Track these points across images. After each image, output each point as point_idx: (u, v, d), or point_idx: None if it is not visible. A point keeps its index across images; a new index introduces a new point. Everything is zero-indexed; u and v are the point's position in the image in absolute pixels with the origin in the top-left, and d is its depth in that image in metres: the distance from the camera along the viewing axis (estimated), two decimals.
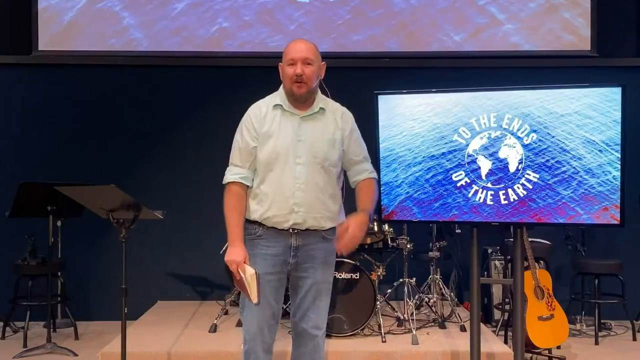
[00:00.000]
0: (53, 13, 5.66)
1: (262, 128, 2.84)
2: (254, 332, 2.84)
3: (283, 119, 2.85)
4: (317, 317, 2.89)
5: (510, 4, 5.71)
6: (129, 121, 5.71)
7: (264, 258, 2.83)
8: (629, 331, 5.14)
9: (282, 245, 2.83)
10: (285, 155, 2.80)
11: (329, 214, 2.87)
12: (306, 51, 2.83)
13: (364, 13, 5.72)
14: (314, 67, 2.83)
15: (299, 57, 2.82)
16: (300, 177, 2.79)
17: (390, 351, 4.14)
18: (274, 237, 2.83)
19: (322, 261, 2.88)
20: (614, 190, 3.00)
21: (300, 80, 2.80)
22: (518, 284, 3.31)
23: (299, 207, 2.79)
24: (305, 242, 2.84)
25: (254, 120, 2.86)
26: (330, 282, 2.95)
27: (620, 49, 5.81)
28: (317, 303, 2.89)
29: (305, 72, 2.80)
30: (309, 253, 2.85)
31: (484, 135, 3.19)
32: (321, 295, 2.89)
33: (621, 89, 2.99)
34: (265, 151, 2.82)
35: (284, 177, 2.80)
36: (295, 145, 2.81)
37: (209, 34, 5.71)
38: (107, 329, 5.19)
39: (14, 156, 5.60)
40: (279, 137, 2.82)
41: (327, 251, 2.89)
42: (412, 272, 4.88)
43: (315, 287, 2.88)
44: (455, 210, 3.25)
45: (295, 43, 2.89)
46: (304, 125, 2.85)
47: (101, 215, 3.48)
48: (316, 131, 2.85)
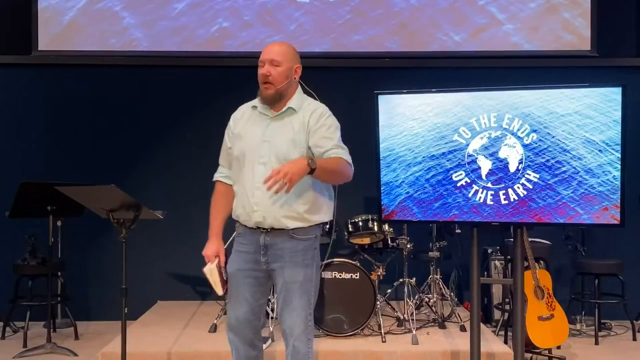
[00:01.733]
0: (53, 13, 5.66)
1: (236, 129, 2.96)
2: (232, 325, 2.93)
3: (256, 120, 2.93)
4: (289, 318, 2.85)
5: (510, 4, 5.71)
6: (129, 121, 5.71)
7: (239, 255, 2.93)
8: (629, 331, 5.14)
9: (253, 243, 2.89)
10: (251, 155, 2.86)
11: (293, 214, 2.84)
12: (274, 53, 2.87)
13: (364, 13, 5.72)
14: (281, 68, 2.86)
15: (266, 59, 2.87)
16: (259, 177, 2.80)
17: (390, 351, 4.14)
18: (247, 235, 2.91)
19: (290, 260, 2.86)
20: (614, 190, 3.00)
21: (266, 81, 2.85)
22: (518, 284, 3.31)
23: (258, 207, 2.83)
24: (273, 241, 2.86)
25: (231, 122, 3.01)
26: (301, 282, 2.85)
27: (620, 49, 5.81)
28: (288, 304, 2.85)
29: (271, 72, 2.84)
30: (277, 252, 2.86)
31: (484, 135, 3.19)
32: (292, 296, 2.84)
33: (621, 89, 2.99)
34: (236, 151, 2.93)
35: (247, 177, 2.87)
36: (260, 145, 2.86)
37: (209, 34, 5.71)
38: (107, 329, 5.19)
39: (14, 156, 5.60)
40: (247, 138, 2.90)
41: (294, 250, 2.86)
42: (412, 272, 4.88)
43: (285, 287, 2.86)
44: (455, 210, 3.25)
45: (267, 46, 2.95)
46: (272, 125, 2.90)
47: (101, 215, 3.48)
48: (281, 131, 2.88)
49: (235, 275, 2.91)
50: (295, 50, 2.98)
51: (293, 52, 2.95)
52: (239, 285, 2.89)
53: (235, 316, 2.91)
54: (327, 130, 2.89)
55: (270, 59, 2.86)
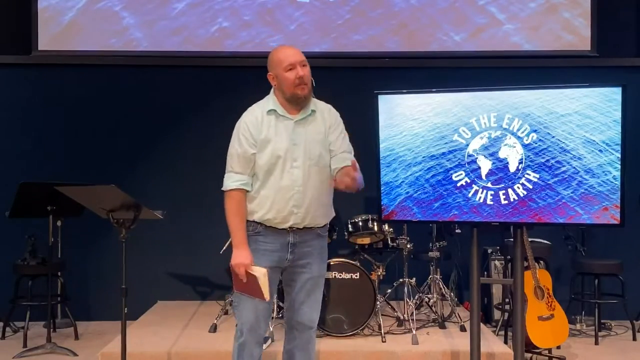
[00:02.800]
0: (53, 13, 5.66)
1: (260, 134, 2.92)
2: (251, 324, 2.93)
3: (278, 124, 2.94)
4: (311, 311, 3.04)
5: (510, 4, 5.71)
6: (129, 121, 5.71)
7: (263, 253, 2.93)
8: (629, 331, 5.14)
9: (279, 242, 2.95)
10: (284, 159, 2.90)
11: (325, 211, 3.03)
12: (300, 54, 2.94)
13: (364, 13, 5.72)
14: (308, 67, 2.94)
15: (298, 60, 2.90)
16: (297, 180, 2.91)
17: (390, 351, 4.14)
18: (271, 234, 2.95)
19: (318, 256, 3.02)
20: (614, 190, 3.00)
21: (303, 82, 2.90)
22: (518, 284, 3.31)
23: (298, 209, 2.92)
24: (301, 239, 2.97)
25: (250, 127, 2.93)
26: (324, 277, 3.10)
27: (620, 49, 5.81)
28: (311, 297, 3.02)
29: (305, 73, 2.92)
30: (305, 249, 2.98)
31: (484, 135, 3.19)
32: (316, 289, 3.04)
33: (621, 89, 2.99)
34: (265, 156, 2.91)
35: (283, 181, 2.90)
36: (291, 149, 2.91)
37: (209, 34, 5.71)
38: (107, 329, 5.19)
39: (14, 156, 5.60)
40: (276, 142, 2.91)
41: (321, 247, 3.05)
42: (412, 272, 4.88)
43: (310, 282, 3.01)
44: (455, 210, 3.25)
45: (285, 49, 2.97)
46: (297, 129, 2.95)
47: (101, 215, 3.48)
48: (309, 134, 2.96)
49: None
50: None
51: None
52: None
53: (256, 317, 2.93)
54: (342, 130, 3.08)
55: (301, 60, 2.91)
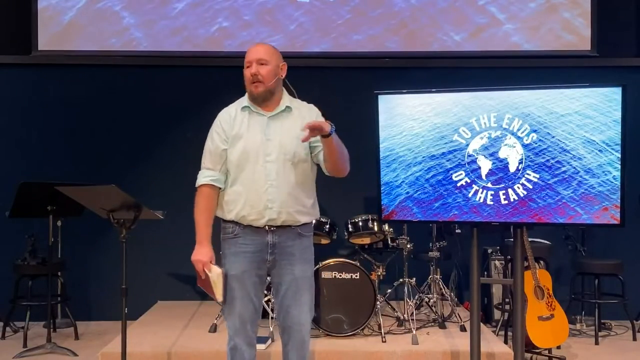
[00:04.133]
0: (53, 13, 5.66)
1: (232, 130, 2.96)
2: (236, 328, 2.93)
3: (252, 120, 2.96)
4: (299, 314, 2.95)
5: (510, 3, 5.71)
6: (129, 121, 5.71)
7: (244, 256, 2.93)
8: (629, 331, 5.14)
9: (259, 243, 2.93)
10: (256, 154, 2.90)
11: (303, 209, 2.96)
12: (261, 52, 2.94)
13: (364, 13, 5.72)
14: (269, 66, 2.92)
15: (254, 58, 2.93)
16: (271, 174, 2.89)
17: (390, 351, 4.14)
18: (250, 235, 2.93)
19: (299, 257, 2.96)
20: (614, 190, 3.00)
21: (256, 80, 2.91)
22: (518, 284, 3.31)
23: (272, 203, 2.88)
24: (281, 239, 2.93)
25: (223, 124, 2.99)
26: (309, 278, 3.00)
27: (620, 49, 5.81)
28: (298, 299, 2.95)
29: (260, 71, 2.90)
30: (286, 250, 2.94)
31: (484, 135, 3.19)
32: (301, 291, 2.95)
33: (621, 89, 2.99)
34: (236, 152, 2.93)
35: (255, 176, 2.90)
36: (264, 144, 2.91)
37: (209, 33, 5.71)
38: (107, 329, 5.19)
39: (14, 156, 5.60)
40: (248, 138, 2.93)
41: (303, 247, 2.98)
42: (412, 272, 4.88)
43: (294, 284, 2.94)
44: (455, 210, 3.25)
45: (251, 47, 3.00)
46: (272, 124, 2.95)
47: (101, 215, 3.48)
48: (284, 129, 2.94)
49: (240, 277, 2.92)
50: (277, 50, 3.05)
51: (277, 51, 3.03)
52: (245, 286, 2.92)
53: (241, 318, 2.93)
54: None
55: (257, 58, 2.92)
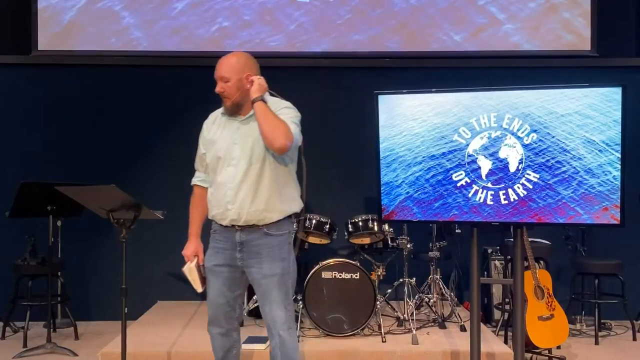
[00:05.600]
0: (53, 13, 5.66)
1: (209, 135, 3.14)
2: (210, 319, 3.12)
3: (227, 125, 3.10)
4: (270, 311, 3.00)
5: (510, 3, 5.71)
6: (129, 121, 5.71)
7: (217, 251, 3.08)
8: (629, 331, 5.14)
9: (230, 240, 3.04)
10: (224, 158, 3.03)
11: (267, 208, 2.99)
12: (221, 70, 3.03)
13: (364, 13, 5.72)
14: (231, 82, 3.01)
15: (217, 76, 3.05)
16: (231, 177, 3.00)
17: (390, 351, 4.14)
18: (223, 233, 3.07)
19: (267, 255, 3.00)
20: (614, 190, 3.00)
21: (222, 96, 3.05)
22: (518, 284, 3.31)
23: (232, 205, 2.99)
24: (248, 237, 3.01)
25: (204, 128, 3.20)
26: (281, 276, 3.00)
27: (620, 49, 5.81)
28: (267, 297, 3.00)
29: (224, 88, 3.02)
30: (253, 248, 3.01)
31: (484, 135, 3.19)
32: (271, 289, 2.99)
33: (621, 89, 2.99)
34: (210, 156, 3.11)
35: (221, 179, 3.03)
36: (231, 148, 3.02)
37: (209, 33, 5.71)
38: (107, 329, 5.19)
39: (14, 156, 5.60)
40: (219, 142, 3.07)
41: (270, 246, 3.01)
42: (412, 272, 4.88)
43: (264, 282, 3.00)
44: (455, 210, 3.25)
45: (218, 61, 3.07)
46: (242, 128, 3.05)
47: (101, 215, 3.48)
48: (250, 133, 3.02)
49: (212, 270, 3.08)
50: (244, 58, 3.08)
51: (241, 62, 3.05)
52: (216, 279, 3.07)
53: (214, 310, 3.09)
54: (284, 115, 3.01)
55: (219, 76, 3.03)
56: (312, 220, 4.71)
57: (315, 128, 5.50)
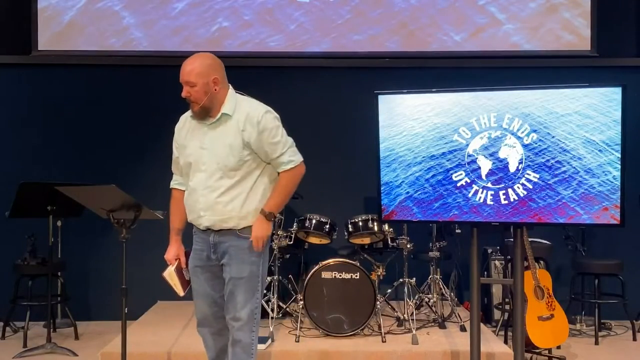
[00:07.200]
0: (53, 13, 5.66)
1: (180, 139, 3.14)
2: (199, 319, 3.14)
3: (196, 129, 3.07)
4: (233, 309, 3.00)
5: (510, 4, 5.71)
6: (129, 121, 5.71)
7: (195, 252, 3.13)
8: (629, 331, 5.14)
9: (205, 242, 3.07)
10: (195, 163, 3.02)
11: (238, 214, 2.97)
12: (186, 74, 2.96)
13: (364, 13, 5.72)
14: (197, 87, 2.95)
15: (182, 81, 2.98)
16: (202, 183, 2.99)
17: (390, 351, 4.14)
18: (200, 234, 3.10)
19: (235, 257, 3.00)
20: (614, 190, 3.00)
21: (189, 101, 3.00)
22: (518, 284, 3.31)
23: (204, 212, 3.00)
24: (220, 239, 3.02)
25: (176, 132, 3.19)
26: (248, 279, 3.00)
27: (620, 49, 5.81)
28: (232, 299, 3.02)
29: (190, 93, 2.97)
30: (224, 250, 3.02)
31: (484, 135, 3.19)
32: (237, 290, 3.00)
33: (621, 89, 2.99)
34: (181, 161, 3.12)
35: (193, 184, 3.04)
36: (200, 153, 3.01)
37: (209, 33, 5.71)
38: (107, 329, 5.19)
39: (14, 156, 5.60)
40: (189, 148, 3.07)
41: (240, 249, 3.00)
42: (412, 272, 4.88)
43: (231, 282, 3.01)
44: (455, 210, 3.25)
45: (182, 65, 2.99)
46: (209, 133, 3.03)
47: (101, 215, 3.48)
48: (217, 138, 3.00)
49: (194, 272, 3.12)
50: (209, 60, 3.01)
51: (206, 65, 2.98)
52: (199, 280, 3.10)
53: (201, 311, 3.12)
54: (269, 134, 2.98)
55: (185, 81, 2.97)
56: (312, 220, 4.71)
57: (315, 128, 5.52)
